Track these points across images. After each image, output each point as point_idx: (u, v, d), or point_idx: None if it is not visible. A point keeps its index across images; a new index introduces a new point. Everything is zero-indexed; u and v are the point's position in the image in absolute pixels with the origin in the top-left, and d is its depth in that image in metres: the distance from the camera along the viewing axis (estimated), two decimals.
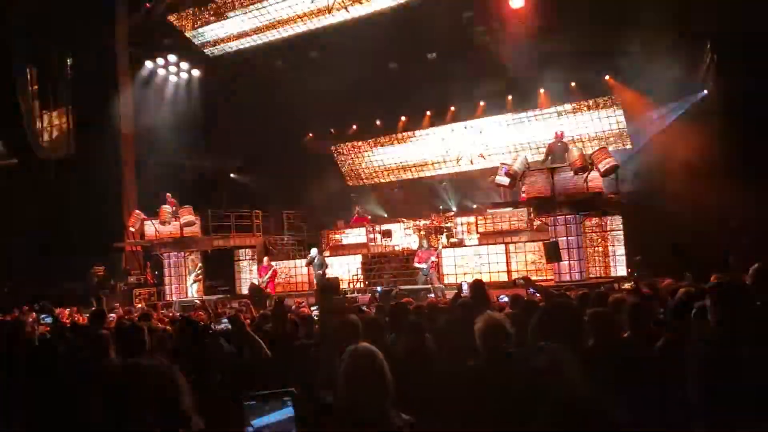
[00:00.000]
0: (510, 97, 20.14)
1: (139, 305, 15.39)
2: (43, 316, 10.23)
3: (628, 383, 3.66)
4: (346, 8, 19.63)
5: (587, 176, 13.89)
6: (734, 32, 14.56)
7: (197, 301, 15.27)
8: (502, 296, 10.02)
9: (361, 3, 19.35)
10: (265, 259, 18.48)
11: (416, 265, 16.25)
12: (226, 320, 5.48)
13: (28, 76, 21.57)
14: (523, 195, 15.21)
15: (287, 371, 4.37)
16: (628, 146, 18.70)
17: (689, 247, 13.32)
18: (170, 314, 11.45)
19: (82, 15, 19.38)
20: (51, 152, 21.35)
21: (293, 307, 9.27)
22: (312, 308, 9.01)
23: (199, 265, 18.87)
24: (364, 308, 8.97)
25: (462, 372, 3.77)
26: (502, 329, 3.71)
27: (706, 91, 16.61)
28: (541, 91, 19.55)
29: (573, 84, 18.84)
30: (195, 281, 18.68)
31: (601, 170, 13.75)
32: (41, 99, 21.99)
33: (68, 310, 12.14)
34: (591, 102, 18.96)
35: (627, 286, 9.21)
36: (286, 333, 5.59)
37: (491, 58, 18.66)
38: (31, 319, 9.67)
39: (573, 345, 4.37)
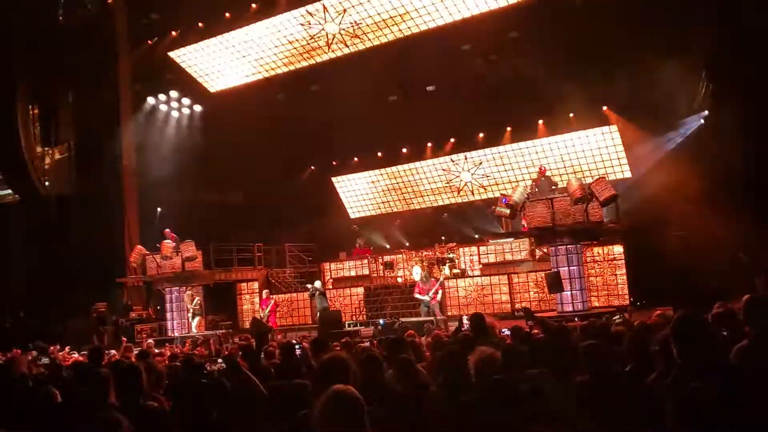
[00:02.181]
0: (509, 128, 20.26)
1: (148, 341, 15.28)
2: (38, 355, 10.18)
3: (622, 417, 3.66)
4: (345, 44, 19.87)
5: (587, 206, 13.92)
6: (730, 59, 14.73)
7: (198, 337, 15.22)
8: (504, 329, 9.98)
9: (359, 38, 19.58)
10: (265, 292, 18.44)
11: (417, 296, 16.20)
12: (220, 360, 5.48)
13: (30, 113, 21.81)
14: (524, 225, 15.25)
15: (282, 409, 4.36)
16: (628, 175, 18.73)
17: (692, 275, 13.28)
18: (171, 350, 11.39)
19: (84, 52, 19.67)
20: (53, 189, 21.48)
21: (293, 341, 9.23)
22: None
23: (197, 299, 18.76)
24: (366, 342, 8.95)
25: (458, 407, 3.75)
26: (494, 363, 3.72)
27: (702, 121, 16.70)
28: (540, 121, 19.68)
29: (571, 114, 18.97)
30: (195, 315, 18.59)
31: (601, 200, 13.79)
32: (43, 135, 22.20)
33: (66, 349, 12.07)
34: (590, 132, 19.04)
35: (617, 319, 9.21)
36: (282, 369, 5.58)
37: (489, 90, 18.86)
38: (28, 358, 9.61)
39: (565, 376, 4.38)
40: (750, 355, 3.78)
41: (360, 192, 24.03)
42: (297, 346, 6.57)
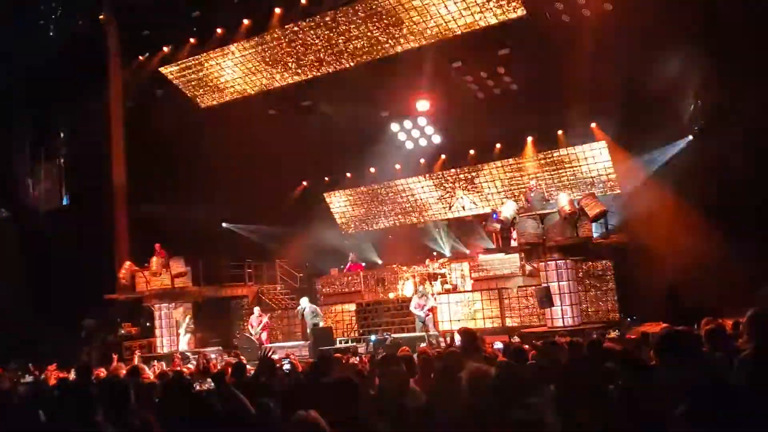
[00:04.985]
0: (499, 145, 20.33)
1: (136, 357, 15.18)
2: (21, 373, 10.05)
3: None
4: (336, 59, 19.89)
5: (576, 222, 13.97)
6: (719, 78, 14.88)
7: (188, 354, 15.13)
8: (496, 343, 9.99)
9: (350, 53, 19.61)
10: (256, 309, 18.33)
11: (413, 310, 16.26)
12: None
13: (21, 129, 21.73)
14: (514, 241, 15.32)
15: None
16: (617, 191, 18.80)
17: (681, 291, 13.38)
18: (161, 368, 11.31)
19: (75, 67, 19.63)
20: (43, 204, 21.36)
21: (279, 357, 9.19)
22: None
23: (188, 316, 18.65)
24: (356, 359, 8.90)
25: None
26: (486, 381, 3.69)
27: (691, 137, 16.81)
28: (529, 139, 19.74)
29: (560, 132, 19.08)
30: (186, 332, 18.46)
31: (590, 215, 13.85)
32: (33, 151, 22.09)
33: (52, 366, 11.91)
34: (578, 149, 19.12)
35: (613, 334, 9.23)
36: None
37: (479, 107, 18.95)
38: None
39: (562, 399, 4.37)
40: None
41: (352, 207, 23.98)
42: (285, 361, 6.52)
